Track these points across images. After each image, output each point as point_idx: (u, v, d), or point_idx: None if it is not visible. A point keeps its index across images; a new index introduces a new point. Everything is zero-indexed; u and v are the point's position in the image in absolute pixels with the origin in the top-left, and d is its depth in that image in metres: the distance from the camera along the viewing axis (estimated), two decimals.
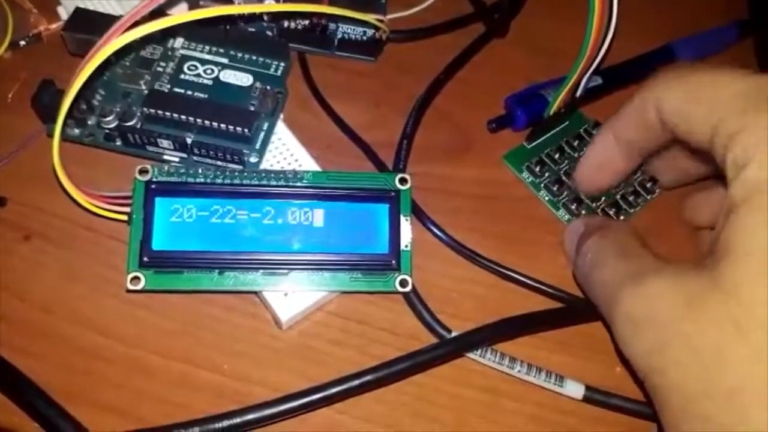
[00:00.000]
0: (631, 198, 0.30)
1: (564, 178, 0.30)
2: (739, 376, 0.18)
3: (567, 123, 0.32)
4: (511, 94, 0.32)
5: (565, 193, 0.30)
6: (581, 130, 0.32)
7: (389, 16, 0.33)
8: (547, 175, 0.31)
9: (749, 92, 0.20)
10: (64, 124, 0.25)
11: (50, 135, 0.28)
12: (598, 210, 0.30)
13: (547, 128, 0.31)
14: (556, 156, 0.31)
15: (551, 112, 0.30)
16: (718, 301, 0.18)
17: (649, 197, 0.31)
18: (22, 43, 0.32)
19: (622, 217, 0.30)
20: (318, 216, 0.26)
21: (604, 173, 0.28)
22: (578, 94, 0.29)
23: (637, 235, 0.24)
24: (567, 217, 0.30)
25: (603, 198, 0.30)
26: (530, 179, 0.31)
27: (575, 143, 0.31)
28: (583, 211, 0.30)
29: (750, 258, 0.18)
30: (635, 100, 0.25)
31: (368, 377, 0.25)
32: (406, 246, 0.27)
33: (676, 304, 0.19)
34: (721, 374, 0.18)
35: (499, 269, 0.28)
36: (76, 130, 0.28)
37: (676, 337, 0.19)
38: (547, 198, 0.30)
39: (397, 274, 0.26)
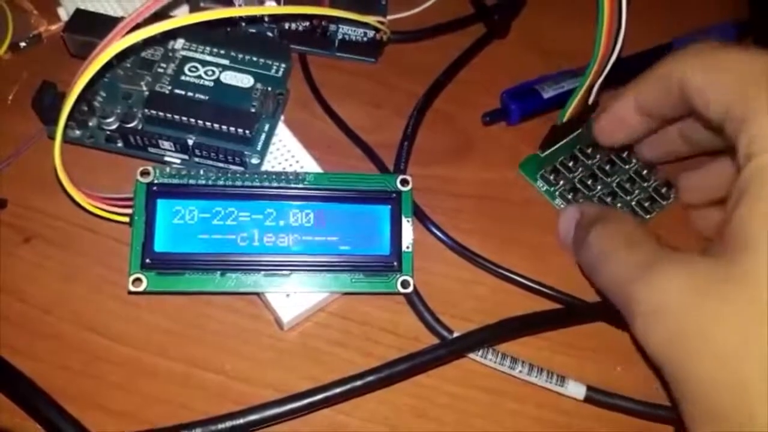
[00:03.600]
0: (647, 204, 0.30)
1: (579, 186, 0.30)
2: (750, 369, 0.18)
3: (580, 131, 0.32)
4: (507, 89, 0.32)
5: (581, 201, 0.30)
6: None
7: (390, 17, 0.33)
8: (561, 183, 0.31)
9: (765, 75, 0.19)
10: (66, 125, 0.25)
11: (51, 137, 0.28)
12: None
13: (560, 136, 0.31)
14: (570, 164, 0.31)
15: (564, 120, 0.29)
16: (735, 293, 0.18)
17: (664, 203, 0.30)
18: (23, 44, 0.32)
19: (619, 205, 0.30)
20: (319, 217, 0.26)
21: (621, 129, 0.28)
22: (591, 101, 0.29)
23: (638, 223, 0.24)
24: None
25: (619, 206, 0.30)
26: (545, 188, 0.31)
27: (589, 151, 0.31)
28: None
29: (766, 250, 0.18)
30: (660, 68, 0.24)
31: (370, 378, 0.25)
32: (408, 247, 0.27)
33: (689, 295, 0.19)
34: (736, 366, 0.18)
35: (500, 270, 0.28)
36: (77, 132, 0.28)
37: (690, 328, 0.19)
38: (563, 207, 0.30)
39: (398, 275, 0.26)
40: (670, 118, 0.26)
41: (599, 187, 0.31)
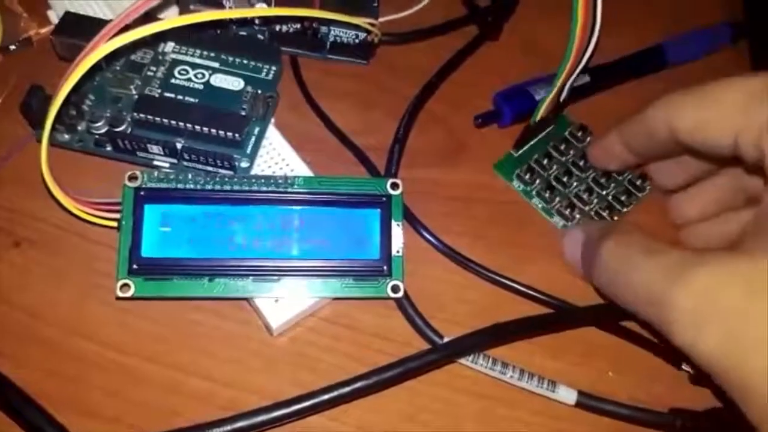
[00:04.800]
0: (623, 198, 0.30)
1: (554, 183, 0.30)
2: None
3: (552, 127, 0.32)
4: (499, 91, 0.32)
5: (557, 198, 0.30)
6: (566, 134, 0.32)
7: (381, 19, 0.33)
8: (537, 182, 0.31)
9: (762, 86, 0.21)
10: (54, 129, 0.25)
11: (39, 141, 0.28)
12: (592, 212, 0.30)
13: (532, 134, 0.31)
14: (545, 162, 0.31)
15: (538, 119, 0.29)
16: None
17: (640, 195, 0.31)
18: (13, 47, 0.32)
19: (615, 218, 0.30)
20: (309, 222, 0.26)
21: (610, 160, 0.29)
22: (563, 98, 0.29)
23: (645, 231, 0.24)
24: (562, 223, 0.30)
25: (595, 201, 0.30)
26: (521, 188, 0.31)
27: (562, 147, 0.31)
28: (577, 215, 0.30)
29: None
30: (644, 115, 0.25)
31: (359, 384, 0.25)
32: (398, 251, 0.26)
33: (738, 292, 0.19)
34: None
35: (491, 275, 0.28)
36: (66, 136, 0.28)
37: (746, 324, 0.19)
38: (540, 206, 0.30)
39: (388, 280, 0.26)
40: (659, 156, 0.27)
41: (575, 184, 0.31)
